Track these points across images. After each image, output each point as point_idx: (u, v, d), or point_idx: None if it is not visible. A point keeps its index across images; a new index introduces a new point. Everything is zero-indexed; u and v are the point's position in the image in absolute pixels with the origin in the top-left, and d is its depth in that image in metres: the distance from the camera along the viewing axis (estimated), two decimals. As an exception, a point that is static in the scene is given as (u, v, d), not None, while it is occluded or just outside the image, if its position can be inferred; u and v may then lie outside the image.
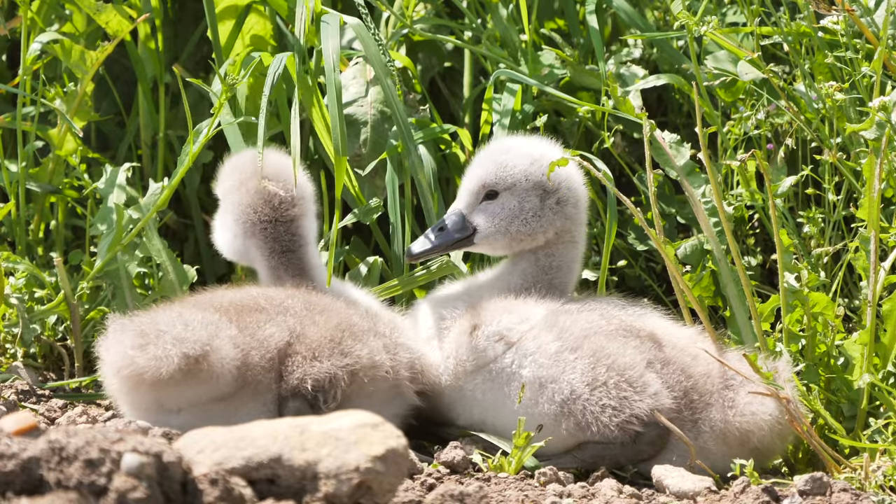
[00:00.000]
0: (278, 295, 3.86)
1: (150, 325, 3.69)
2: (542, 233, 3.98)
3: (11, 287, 4.34)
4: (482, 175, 3.98)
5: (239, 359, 3.70)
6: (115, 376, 3.72)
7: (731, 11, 4.70)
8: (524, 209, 3.96)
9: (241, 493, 2.85)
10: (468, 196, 4.00)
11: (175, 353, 3.63)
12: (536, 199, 3.97)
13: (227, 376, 3.68)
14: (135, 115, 4.86)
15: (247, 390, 3.73)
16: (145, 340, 3.66)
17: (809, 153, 4.44)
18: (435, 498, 3.12)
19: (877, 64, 4.02)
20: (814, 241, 4.30)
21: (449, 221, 4.01)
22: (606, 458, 3.80)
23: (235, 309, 3.79)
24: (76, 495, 2.73)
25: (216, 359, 3.66)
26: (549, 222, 3.97)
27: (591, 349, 3.81)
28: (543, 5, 4.83)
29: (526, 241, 3.98)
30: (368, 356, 3.79)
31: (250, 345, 3.72)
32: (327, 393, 3.73)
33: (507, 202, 3.97)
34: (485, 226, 3.98)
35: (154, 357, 3.63)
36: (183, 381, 3.65)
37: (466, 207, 4.00)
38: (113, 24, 4.58)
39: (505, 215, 3.97)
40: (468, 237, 4.00)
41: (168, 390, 3.68)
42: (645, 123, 3.99)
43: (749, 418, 3.80)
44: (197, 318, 3.71)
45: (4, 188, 4.61)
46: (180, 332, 3.65)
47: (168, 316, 3.72)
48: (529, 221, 3.96)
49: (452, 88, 4.92)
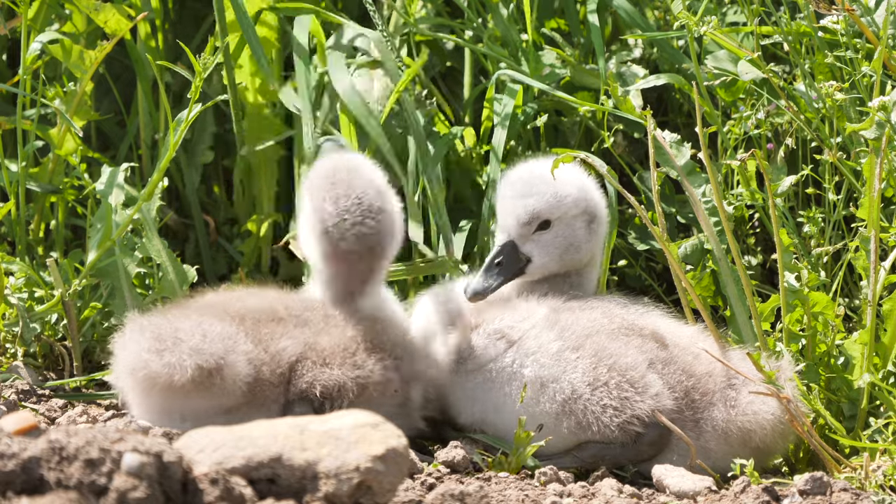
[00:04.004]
0: (298, 305, 3.83)
1: (169, 331, 3.67)
2: (587, 257, 3.98)
3: (11, 287, 4.33)
4: (535, 206, 3.91)
5: (252, 375, 3.70)
6: (128, 375, 3.72)
7: (731, 11, 4.70)
8: (577, 237, 3.94)
9: (241, 493, 2.85)
10: (518, 227, 3.92)
11: (190, 363, 3.62)
12: (583, 225, 3.95)
13: (238, 392, 3.68)
14: (135, 114, 4.86)
15: (254, 403, 3.72)
16: (162, 346, 3.65)
17: (809, 153, 4.44)
18: (435, 497, 3.11)
19: (877, 64, 4.02)
20: (814, 241, 4.30)
21: (504, 257, 3.93)
22: (607, 458, 3.80)
23: (252, 319, 3.77)
24: (76, 495, 2.73)
25: (229, 374, 3.65)
26: (593, 246, 3.98)
27: (592, 349, 3.80)
28: (544, 5, 4.82)
29: (572, 265, 3.97)
30: (381, 372, 3.77)
31: (263, 360, 3.71)
32: (335, 401, 3.71)
33: (559, 231, 3.93)
34: (539, 257, 3.93)
35: (168, 364, 3.63)
36: (194, 391, 3.65)
37: (519, 238, 3.94)
38: (112, 24, 4.57)
39: (558, 244, 3.93)
40: (522, 268, 3.95)
41: (177, 399, 3.67)
42: (648, 122, 3.99)
43: (751, 417, 3.80)
44: (216, 329, 3.69)
45: (4, 188, 4.60)
46: (198, 343, 3.64)
47: (188, 324, 3.69)
48: (581, 248, 3.95)
49: (453, 88, 4.91)
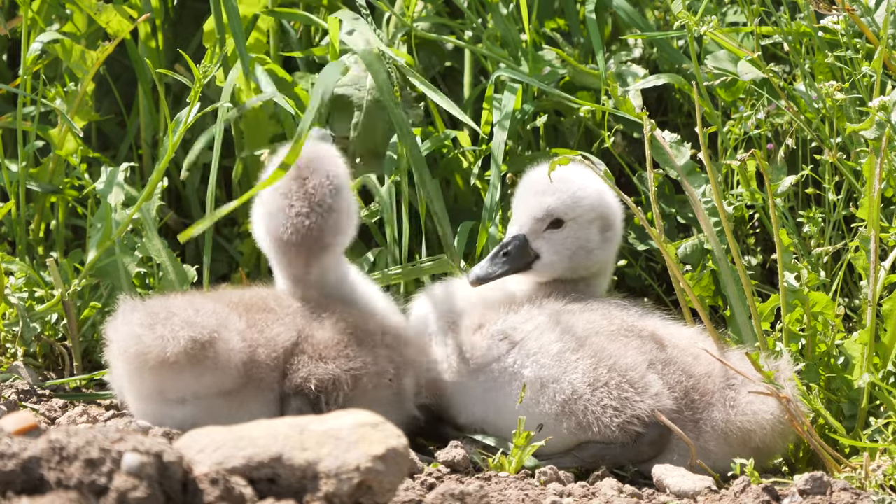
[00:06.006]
0: (288, 298, 3.86)
1: (161, 307, 3.70)
2: (598, 264, 3.98)
3: (11, 287, 4.34)
4: (551, 203, 3.92)
5: (246, 353, 3.70)
6: (120, 357, 3.72)
7: (731, 11, 4.70)
8: (590, 240, 3.95)
9: (241, 493, 2.85)
10: (532, 222, 3.94)
11: (183, 335, 3.63)
12: (597, 230, 3.95)
13: (233, 369, 3.68)
14: (135, 114, 4.86)
15: (251, 387, 3.72)
16: (154, 320, 3.66)
17: (809, 153, 4.44)
18: (435, 497, 3.12)
19: (877, 63, 4.02)
20: (814, 241, 4.30)
21: (513, 247, 3.94)
22: (607, 458, 3.80)
23: (245, 306, 3.79)
24: (77, 495, 2.73)
25: (223, 348, 3.66)
26: (604, 254, 3.98)
27: (593, 350, 3.80)
28: (544, 5, 4.82)
29: (581, 271, 3.97)
30: (374, 363, 3.78)
31: (258, 341, 3.73)
32: (330, 394, 3.72)
33: (571, 232, 3.94)
34: (548, 254, 3.94)
35: (161, 336, 3.63)
36: (188, 366, 3.64)
37: (531, 234, 3.95)
38: (113, 24, 4.58)
39: (569, 245, 3.94)
40: (529, 263, 3.97)
41: (172, 376, 3.67)
42: (646, 123, 3.99)
43: (751, 417, 3.80)
44: (208, 306, 3.71)
45: (5, 188, 4.61)
46: (190, 316, 3.66)
47: (180, 301, 3.73)
48: (591, 253, 3.95)
49: (453, 88, 4.91)
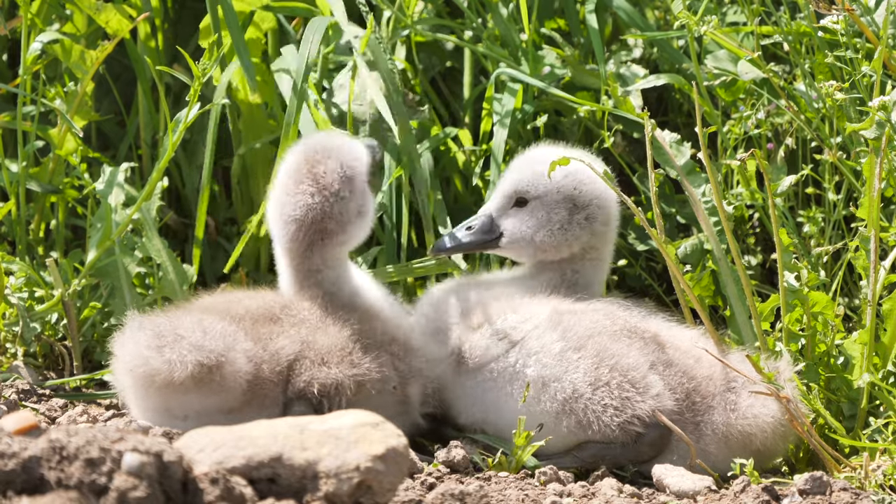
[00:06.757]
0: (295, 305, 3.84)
1: (169, 328, 3.67)
2: (568, 246, 3.97)
3: (11, 287, 4.34)
4: (516, 180, 3.96)
5: (251, 373, 3.69)
6: (127, 374, 3.71)
7: (731, 11, 4.70)
8: (552, 220, 3.95)
9: (241, 493, 2.85)
10: (500, 199, 3.99)
11: (190, 359, 3.61)
12: (565, 211, 3.95)
13: (238, 389, 3.68)
14: (135, 114, 4.86)
15: (254, 403, 3.72)
16: (162, 342, 3.64)
17: (809, 153, 4.44)
18: (435, 497, 3.12)
19: (877, 63, 4.02)
20: (814, 241, 4.30)
21: (477, 222, 3.99)
22: (607, 458, 3.80)
23: (252, 318, 3.78)
24: (77, 494, 2.73)
25: (230, 371, 3.65)
26: (575, 237, 3.96)
27: (594, 349, 3.80)
28: (544, 5, 4.82)
29: (550, 252, 3.97)
30: (378, 370, 3.78)
31: (262, 358, 3.71)
32: (332, 399, 3.72)
33: (535, 211, 3.95)
34: (511, 231, 3.97)
35: (168, 361, 3.62)
36: (194, 388, 3.64)
37: (497, 210, 3.99)
38: (113, 24, 4.58)
39: (532, 223, 3.95)
40: (494, 240, 3.99)
41: (177, 396, 3.66)
42: (646, 122, 3.99)
43: (751, 421, 3.80)
44: (217, 327, 3.68)
45: (4, 188, 4.61)
46: (198, 340, 3.63)
47: (188, 321, 3.69)
48: (555, 233, 3.95)
49: (453, 88, 4.91)
